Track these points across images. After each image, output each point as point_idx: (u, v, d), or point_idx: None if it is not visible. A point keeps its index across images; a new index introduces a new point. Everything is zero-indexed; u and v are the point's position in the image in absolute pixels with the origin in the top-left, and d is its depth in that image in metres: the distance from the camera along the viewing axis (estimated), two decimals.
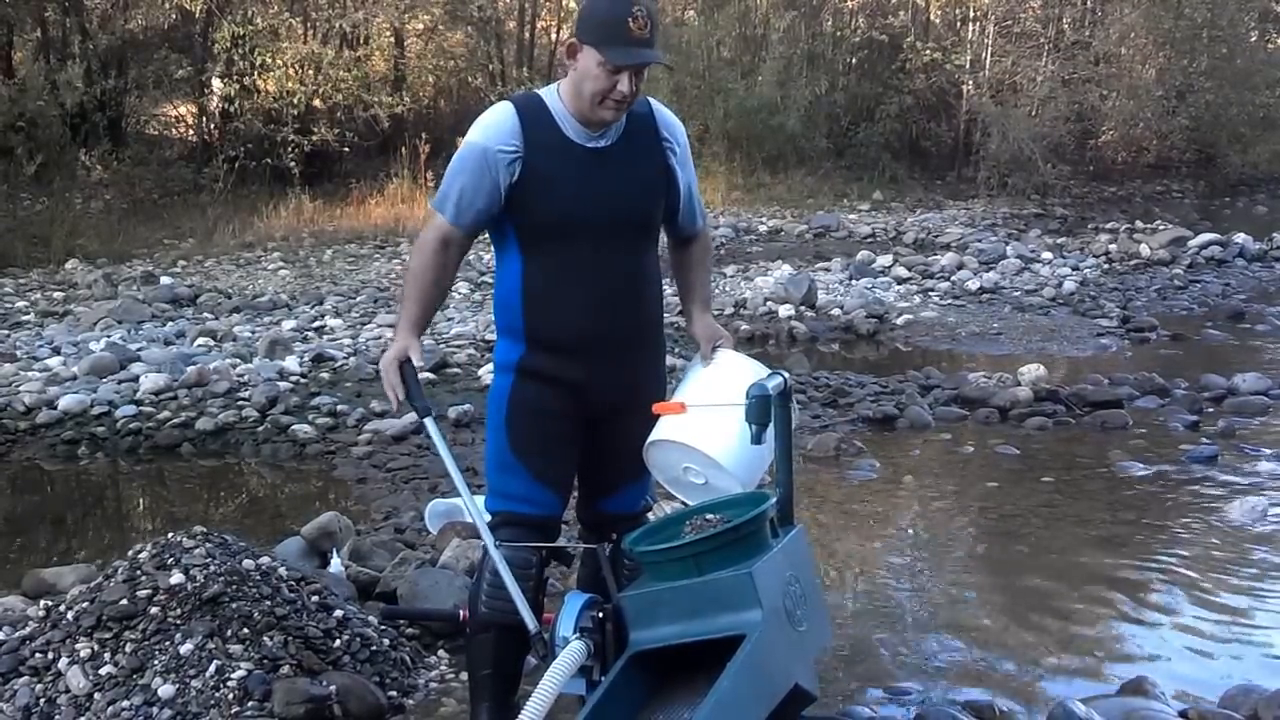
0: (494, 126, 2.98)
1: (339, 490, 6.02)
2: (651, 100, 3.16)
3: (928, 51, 17.45)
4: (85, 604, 3.47)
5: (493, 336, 8.55)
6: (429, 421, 3.01)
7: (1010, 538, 4.97)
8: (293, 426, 6.74)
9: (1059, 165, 16.11)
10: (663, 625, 2.65)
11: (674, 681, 2.77)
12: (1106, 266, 12.02)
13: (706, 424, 2.98)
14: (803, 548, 2.85)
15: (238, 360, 7.90)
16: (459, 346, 8.46)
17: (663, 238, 3.26)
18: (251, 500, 6.18)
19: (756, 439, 2.84)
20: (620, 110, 2.93)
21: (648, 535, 2.84)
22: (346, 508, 5.43)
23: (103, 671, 3.26)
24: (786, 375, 3.04)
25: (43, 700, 3.24)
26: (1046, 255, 12.19)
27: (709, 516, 2.81)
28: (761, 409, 2.82)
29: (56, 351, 8.23)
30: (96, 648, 3.32)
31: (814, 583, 2.88)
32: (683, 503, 3.13)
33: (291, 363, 7.84)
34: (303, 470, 6.41)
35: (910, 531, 5.03)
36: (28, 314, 9.70)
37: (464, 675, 3.54)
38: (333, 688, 3.31)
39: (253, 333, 8.86)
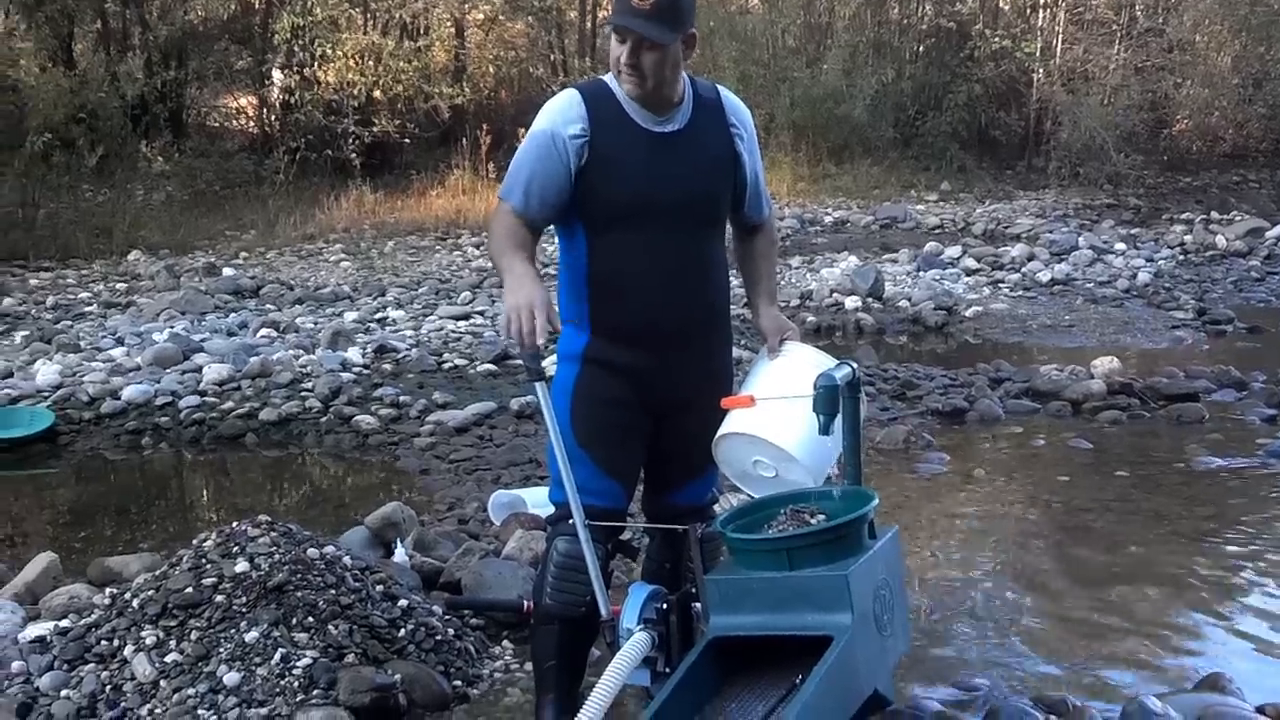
0: (561, 112, 2.93)
1: (402, 481, 6.01)
2: (719, 86, 3.12)
3: (997, 39, 17.16)
4: (151, 592, 3.46)
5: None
6: (540, 386, 2.87)
7: (1083, 532, 4.85)
8: (356, 417, 6.75)
9: (1132, 155, 15.76)
10: (747, 614, 2.59)
11: (743, 671, 2.71)
12: (1181, 258, 11.76)
13: (776, 416, 2.92)
14: (896, 551, 2.78)
15: (300, 351, 7.93)
16: None
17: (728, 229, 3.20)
18: (315, 490, 6.19)
19: (825, 429, 2.77)
20: (632, 84, 2.89)
21: (737, 518, 2.76)
22: (410, 498, 5.41)
23: (168, 659, 3.25)
24: (855, 365, 2.96)
25: (109, 687, 3.23)
26: (1120, 246, 11.95)
27: (803, 508, 2.73)
28: (830, 399, 2.76)
29: (120, 342, 8.31)
30: (162, 635, 3.32)
31: (902, 587, 2.81)
32: (749, 496, 3.07)
33: (354, 354, 7.86)
34: (366, 461, 6.41)
35: (980, 525, 4.92)
36: (91, 305, 9.81)
37: (528, 666, 3.50)
38: (398, 676, 3.28)
39: (315, 324, 8.90)
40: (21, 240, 12.02)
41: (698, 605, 3.07)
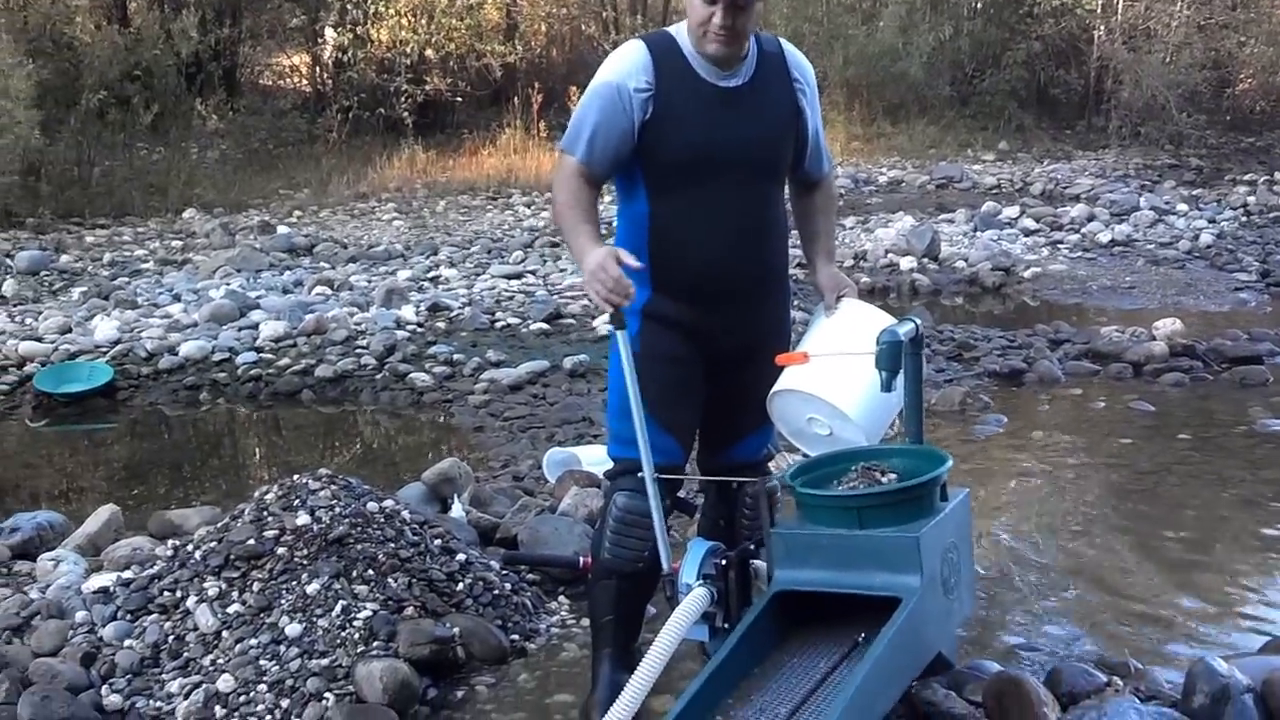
0: (627, 63, 2.89)
1: (456, 438, 6.03)
2: (782, 40, 3.07)
3: None
4: (213, 544, 3.49)
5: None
6: (621, 335, 2.83)
7: (1145, 495, 4.78)
8: (410, 374, 6.78)
9: (1194, 114, 15.46)
10: (813, 570, 2.57)
11: (803, 625, 2.69)
12: (1244, 219, 11.52)
13: (832, 374, 2.90)
14: (966, 514, 2.75)
15: (355, 309, 7.97)
16: (572, 298, 8.43)
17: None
18: (371, 446, 6.23)
19: (886, 386, 2.74)
20: (724, 44, 2.84)
21: (805, 471, 2.74)
22: (464, 455, 5.43)
23: (230, 610, 3.28)
24: (918, 321, 2.92)
25: (171, 638, 3.27)
26: (1182, 207, 11.73)
27: (875, 466, 2.70)
28: (892, 355, 2.72)
29: (177, 299, 8.39)
30: (224, 587, 3.34)
31: (969, 550, 2.77)
32: (804, 454, 3.04)
33: (408, 312, 7.88)
34: (420, 418, 6.44)
35: (1039, 487, 4.85)
36: (147, 262, 9.91)
37: (585, 621, 3.51)
38: (456, 630, 3.30)
39: (369, 282, 8.93)
40: (78, 197, 12.14)
41: (757, 562, 3.06)
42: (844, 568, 2.53)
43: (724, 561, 2.84)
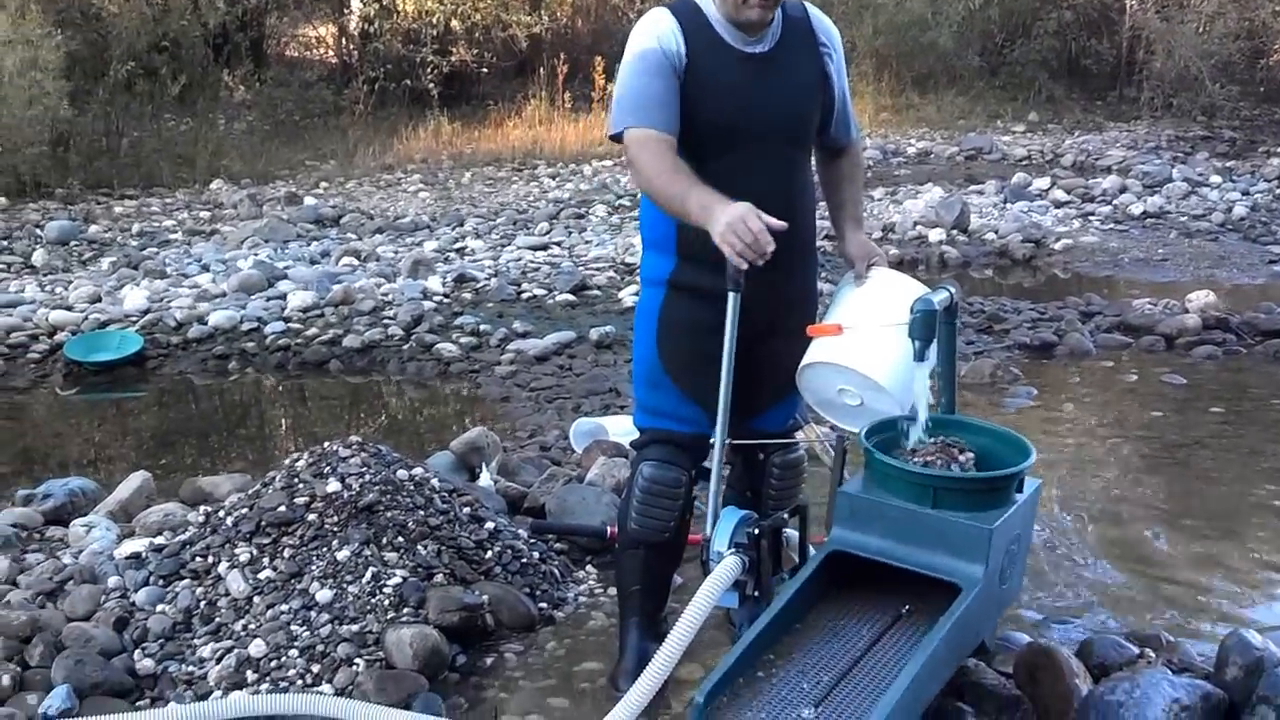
0: (661, 29, 2.86)
1: (483, 408, 6.05)
2: (807, 5, 3.04)
3: None
4: (244, 510, 3.51)
5: (632, 259, 8.52)
6: (734, 298, 2.77)
7: (1177, 468, 4.75)
8: (437, 345, 6.79)
9: (1227, 85, 15.21)
10: (874, 537, 2.54)
11: (843, 587, 2.67)
12: (1279, 191, 11.38)
13: (864, 345, 2.87)
14: (1035, 507, 2.72)
15: (382, 280, 7.98)
16: (598, 269, 8.41)
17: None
18: (398, 416, 6.25)
19: (920, 355, 2.71)
20: (767, 9, 2.81)
21: (878, 433, 2.70)
22: (491, 425, 5.43)
23: (262, 575, 3.30)
24: (953, 290, 2.89)
25: (203, 603, 3.29)
26: (1215, 179, 11.58)
27: (954, 443, 2.66)
28: (926, 324, 2.69)
29: (205, 269, 8.42)
30: (255, 552, 3.36)
31: (1029, 542, 2.75)
32: (831, 426, 3.02)
33: (434, 283, 7.88)
34: (447, 388, 6.46)
35: (1070, 460, 4.82)
36: (175, 232, 9.93)
37: (612, 590, 3.51)
38: (485, 597, 3.31)
39: (395, 253, 8.93)
40: (106, 168, 12.17)
41: (789, 531, 3.05)
42: (908, 543, 2.49)
43: (756, 530, 2.83)
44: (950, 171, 12.76)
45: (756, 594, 2.81)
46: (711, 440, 2.92)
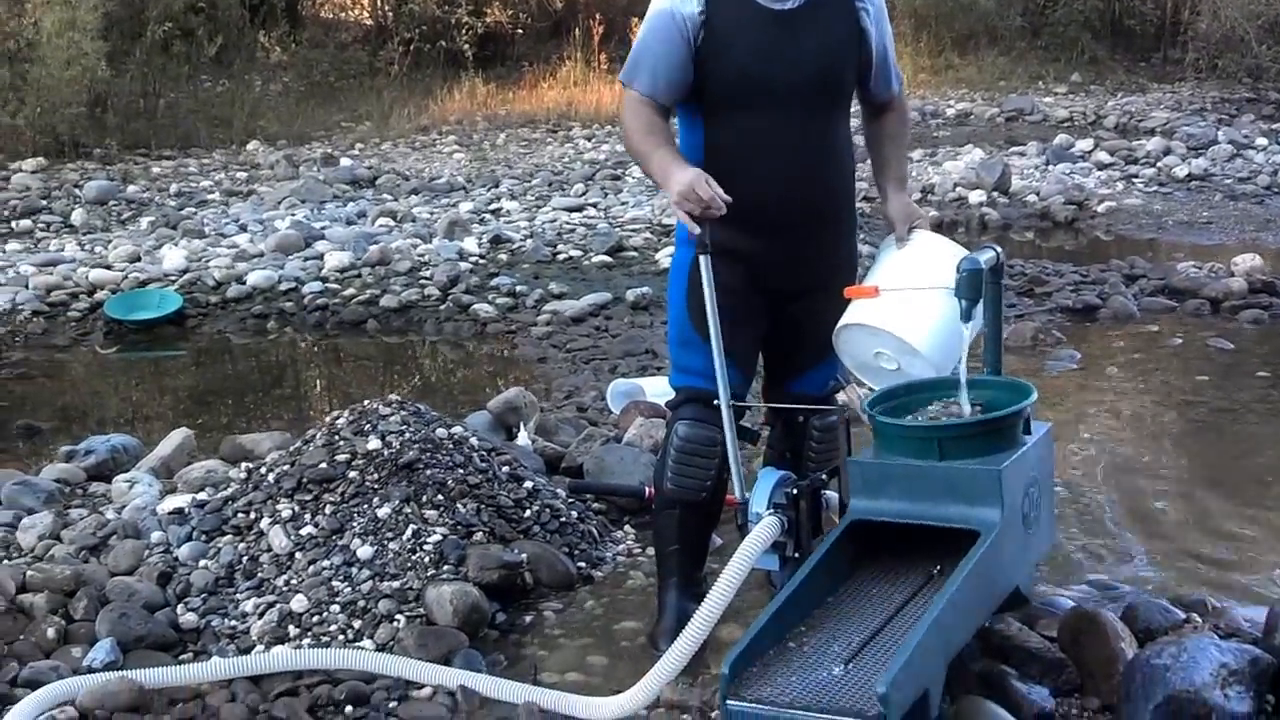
0: None
1: (520, 369, 6.05)
2: None
3: None
4: (286, 467, 3.52)
5: (669, 221, 8.48)
6: (705, 260, 2.83)
7: (1222, 432, 4.70)
8: (473, 306, 6.80)
9: (1274, 46, 14.97)
10: (890, 500, 2.52)
11: (877, 555, 2.66)
12: None
13: (902, 308, 2.84)
14: (1049, 449, 2.69)
15: (418, 240, 7.98)
16: (634, 230, 8.38)
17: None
18: (436, 376, 6.27)
19: (966, 315, 2.67)
20: None
21: (882, 400, 2.69)
22: (528, 386, 5.43)
23: (304, 532, 3.31)
24: (998, 250, 2.85)
25: (245, 558, 3.31)
26: (1261, 141, 11.40)
27: (956, 400, 2.65)
28: (972, 284, 2.65)
29: (243, 229, 8.45)
30: (297, 509, 3.38)
31: (1051, 485, 2.72)
32: (869, 389, 3.00)
33: (470, 244, 7.88)
34: (483, 348, 6.47)
35: (1114, 423, 4.78)
36: (213, 193, 9.98)
37: (650, 550, 3.50)
38: (524, 555, 3.31)
39: (431, 214, 8.93)
40: (143, 129, 12.23)
41: (829, 492, 3.04)
42: (922, 499, 2.48)
43: (795, 491, 2.81)
44: (990, 133, 12.63)
45: (797, 555, 2.79)
46: (747, 403, 2.91)
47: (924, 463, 2.49)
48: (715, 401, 2.92)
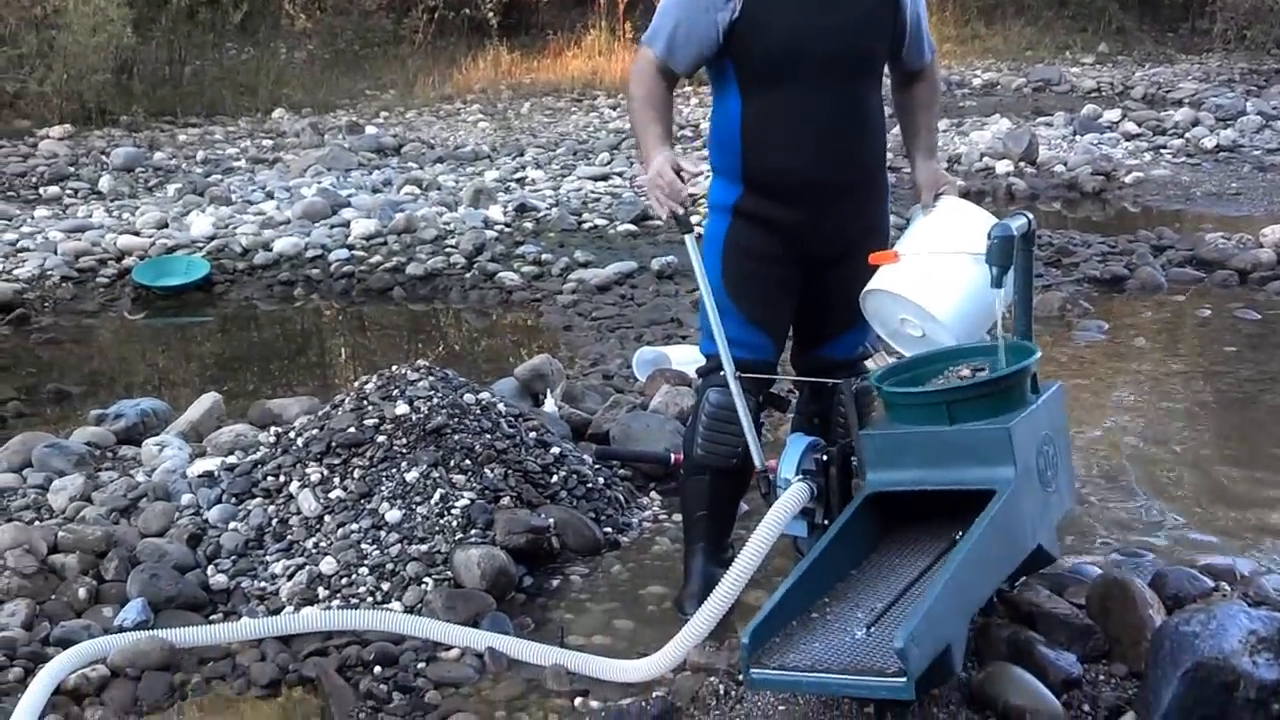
0: None
1: (545, 337, 6.06)
2: None
3: None
4: (314, 431, 3.55)
5: (695, 190, 8.44)
6: (690, 238, 2.90)
7: (1250, 403, 4.68)
8: (499, 274, 6.80)
9: None
10: (905, 469, 2.53)
11: (902, 527, 2.67)
12: None
13: (923, 275, 2.84)
14: (1060, 407, 2.69)
15: (443, 208, 7.98)
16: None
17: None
18: (462, 343, 6.28)
19: (996, 282, 2.66)
20: None
21: (894, 374, 2.70)
22: (553, 354, 5.44)
23: (332, 495, 3.34)
24: (1030, 217, 2.84)
25: (275, 521, 3.34)
26: None
27: (964, 369, 2.65)
28: (1003, 250, 2.64)
29: (269, 196, 8.46)
30: (326, 473, 3.40)
31: (1067, 445, 2.72)
32: (898, 355, 2.99)
33: (495, 212, 7.87)
34: (509, 316, 6.48)
35: (1142, 393, 4.76)
36: (239, 160, 10.00)
37: (677, 516, 3.52)
38: (551, 520, 3.32)
39: (456, 182, 8.93)
40: (169, 96, 12.25)
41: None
42: (936, 465, 2.49)
43: (824, 457, 2.82)
44: (1017, 103, 12.54)
45: (826, 522, 2.80)
46: (777, 364, 2.92)
47: (934, 428, 2.49)
48: (729, 370, 2.92)
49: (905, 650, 2.09)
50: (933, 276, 2.82)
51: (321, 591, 3.08)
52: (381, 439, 3.44)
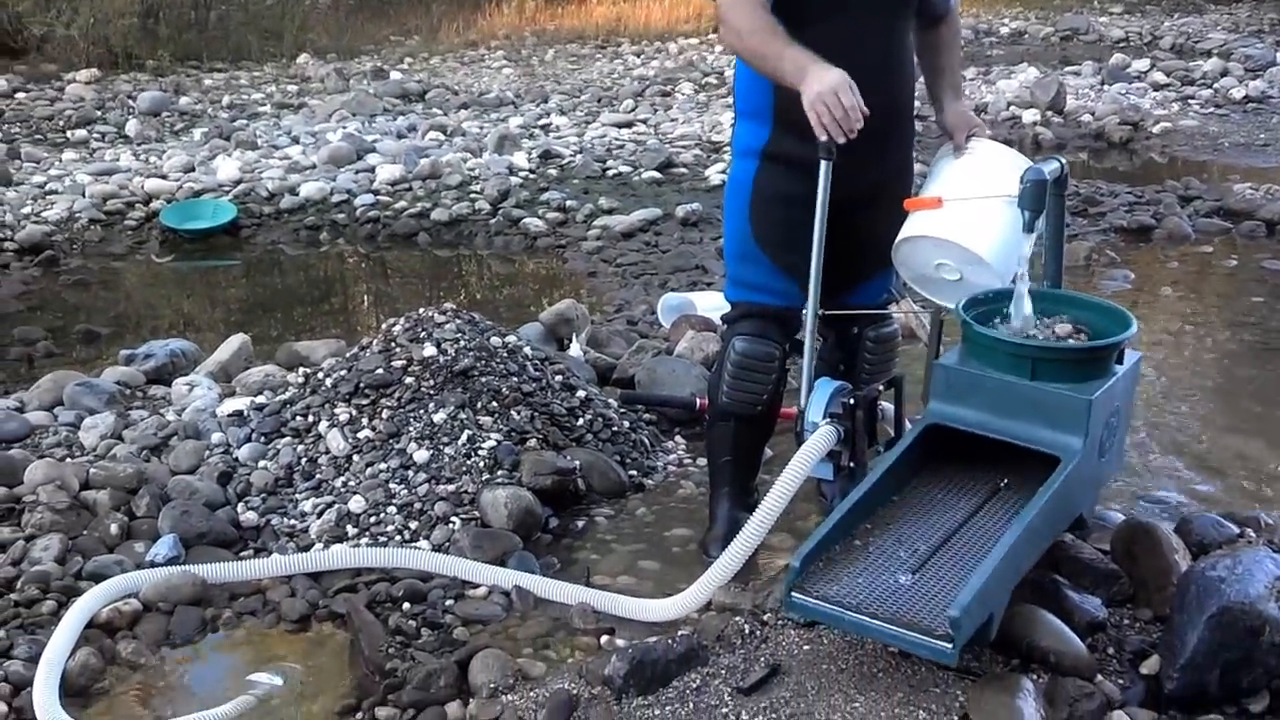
0: None
1: (570, 283, 6.07)
2: None
3: None
4: (343, 372, 3.57)
5: (719, 137, 8.41)
6: (826, 166, 2.76)
7: (1275, 354, 4.66)
8: (524, 220, 6.80)
9: None
10: (972, 410, 2.49)
11: (945, 460, 2.65)
12: None
13: (966, 217, 2.80)
14: (1135, 379, 2.66)
15: (468, 154, 7.96)
16: (684, 146, 8.34)
17: None
18: (487, 288, 6.29)
19: (1029, 227, 2.62)
20: None
21: (975, 306, 2.65)
22: (578, 299, 5.45)
23: (361, 435, 3.36)
24: (1063, 161, 2.81)
25: (304, 460, 3.37)
26: None
27: (1063, 324, 2.61)
28: (1036, 195, 2.60)
29: (295, 141, 8.46)
30: (354, 413, 3.43)
31: (1129, 415, 2.69)
32: (923, 302, 2.97)
33: (520, 159, 7.86)
34: (533, 262, 6.48)
35: (1168, 343, 4.74)
36: (264, 105, 10.00)
37: (701, 460, 3.54)
38: (577, 463, 3.35)
39: (481, 129, 8.91)
40: (195, 41, 12.24)
41: (885, 404, 3.04)
42: (1006, 415, 2.44)
43: (852, 401, 2.81)
44: (1045, 52, 12.41)
45: (852, 465, 2.81)
46: (804, 312, 2.91)
47: (1014, 379, 2.45)
48: (782, 312, 2.90)
49: (959, 621, 2.09)
50: (978, 220, 2.80)
51: (350, 530, 3.11)
52: (409, 380, 3.46)
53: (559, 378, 3.72)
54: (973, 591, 2.14)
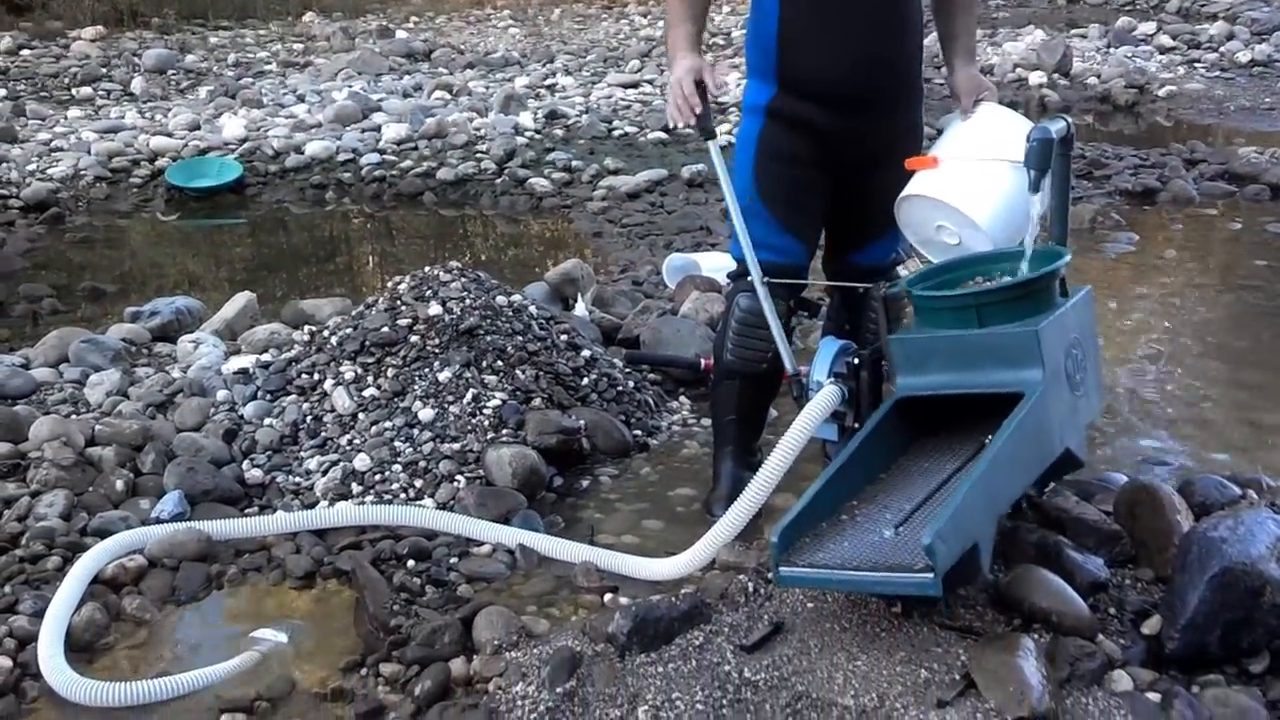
0: None
1: (575, 243, 6.06)
2: None
3: None
4: (348, 330, 3.57)
5: (725, 98, 8.37)
6: (713, 145, 2.89)
7: (1279, 317, 4.63)
8: (529, 180, 6.79)
9: None
10: (934, 373, 2.52)
11: (933, 432, 2.68)
12: None
13: (964, 180, 2.79)
14: (1089, 311, 2.67)
15: (474, 114, 7.94)
16: None
17: None
18: (492, 248, 6.28)
19: (1035, 186, 2.62)
20: None
21: (924, 279, 2.69)
22: (584, 259, 5.45)
23: (366, 393, 3.37)
24: (1069, 120, 2.80)
25: (309, 418, 3.37)
26: None
27: (993, 275, 2.64)
28: (1042, 154, 2.59)
29: (301, 99, 8.45)
30: (360, 371, 3.43)
31: (1095, 349, 2.71)
32: (926, 262, 2.97)
33: (526, 119, 7.84)
34: (539, 222, 6.47)
35: (1171, 305, 4.73)
36: (270, 64, 9.97)
37: (705, 420, 3.54)
38: (582, 422, 3.35)
39: (486, 88, 8.88)
40: None
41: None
42: (965, 369, 2.48)
43: (856, 361, 2.81)
44: (1051, 14, 12.34)
45: (856, 426, 2.81)
46: (808, 268, 2.92)
47: (964, 331, 2.49)
48: (756, 276, 2.92)
49: (933, 547, 2.11)
50: (973, 182, 2.79)
51: (355, 487, 3.12)
52: (414, 339, 3.46)
53: (564, 337, 3.72)
54: (945, 517, 2.15)
